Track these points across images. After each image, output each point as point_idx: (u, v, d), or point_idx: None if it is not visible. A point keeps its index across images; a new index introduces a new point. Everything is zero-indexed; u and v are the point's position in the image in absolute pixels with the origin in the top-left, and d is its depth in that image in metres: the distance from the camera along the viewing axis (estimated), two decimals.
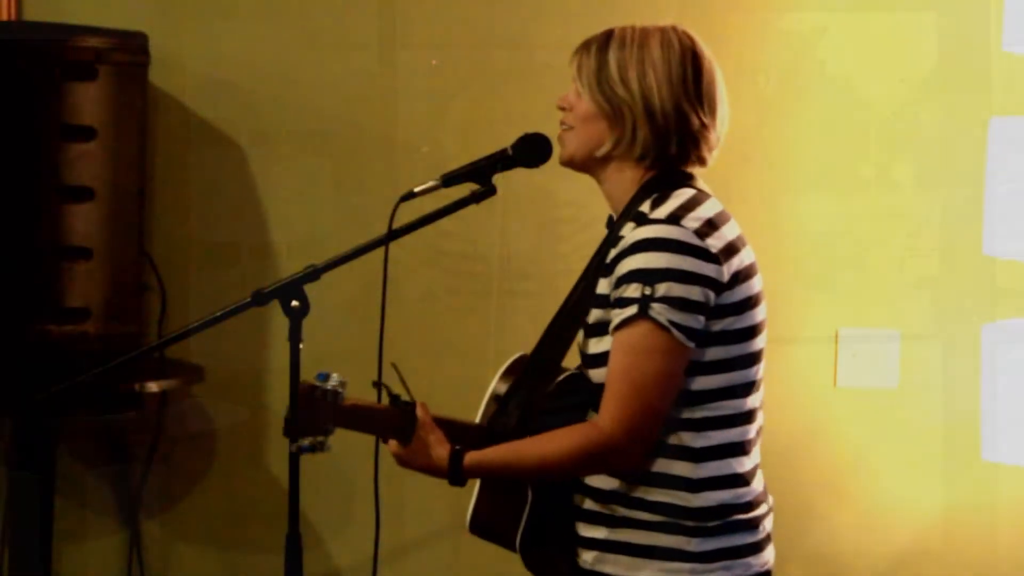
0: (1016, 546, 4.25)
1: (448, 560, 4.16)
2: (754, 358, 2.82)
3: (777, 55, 4.16)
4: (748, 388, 2.82)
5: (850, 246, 4.21)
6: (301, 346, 2.75)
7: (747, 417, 2.82)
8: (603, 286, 2.79)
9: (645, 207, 2.79)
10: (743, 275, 2.79)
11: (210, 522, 4.17)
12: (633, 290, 2.72)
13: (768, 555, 2.87)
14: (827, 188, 4.20)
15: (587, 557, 2.85)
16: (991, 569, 4.25)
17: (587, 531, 2.85)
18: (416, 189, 2.88)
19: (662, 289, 2.70)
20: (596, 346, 2.81)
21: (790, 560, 2.97)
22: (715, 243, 2.75)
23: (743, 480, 2.81)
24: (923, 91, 4.19)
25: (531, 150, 2.91)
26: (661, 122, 2.80)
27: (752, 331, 2.81)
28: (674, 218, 2.75)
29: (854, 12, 4.17)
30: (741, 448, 2.81)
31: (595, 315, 2.81)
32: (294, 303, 2.76)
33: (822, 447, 4.22)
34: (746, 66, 4.12)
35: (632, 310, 2.71)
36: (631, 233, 2.76)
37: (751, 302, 2.80)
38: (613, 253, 2.78)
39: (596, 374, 2.80)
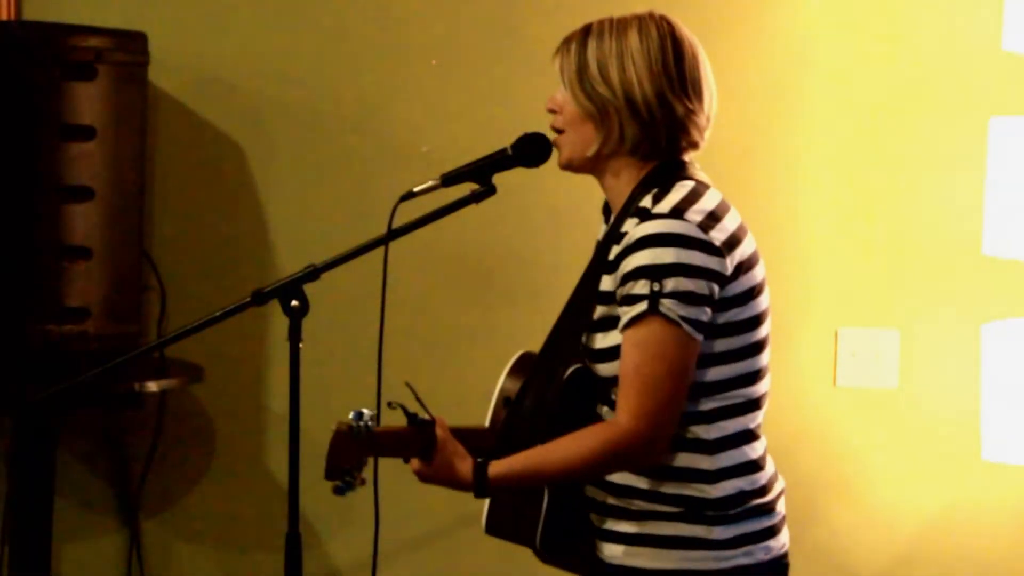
0: (1016, 546, 4.24)
1: (448, 560, 4.15)
2: (759, 346, 2.84)
3: (777, 53, 4.16)
4: (755, 376, 2.84)
5: (850, 245, 4.21)
6: (301, 346, 2.76)
7: (756, 404, 2.85)
8: (607, 283, 2.80)
9: (646, 202, 2.79)
10: (745, 265, 2.80)
11: (210, 522, 4.17)
12: (641, 287, 2.72)
13: (784, 537, 2.90)
14: (826, 187, 4.20)
15: (613, 551, 2.86)
16: (991, 569, 4.25)
17: (611, 525, 2.86)
18: (416, 189, 2.88)
19: (670, 284, 2.71)
20: (602, 341, 2.81)
21: (789, 559, 2.97)
22: (718, 236, 2.76)
23: (757, 465, 2.84)
24: (923, 91, 4.19)
25: (531, 150, 2.91)
26: (646, 115, 2.80)
27: (756, 320, 2.82)
28: (677, 212, 2.76)
29: (854, 11, 4.17)
30: (752, 434, 2.85)
31: (600, 311, 2.82)
32: (294, 303, 2.76)
33: (821, 447, 4.22)
34: (746, 64, 4.12)
35: (642, 307, 2.72)
36: (634, 229, 2.76)
37: (754, 291, 2.82)
38: (616, 250, 2.79)
39: (604, 368, 2.81)
